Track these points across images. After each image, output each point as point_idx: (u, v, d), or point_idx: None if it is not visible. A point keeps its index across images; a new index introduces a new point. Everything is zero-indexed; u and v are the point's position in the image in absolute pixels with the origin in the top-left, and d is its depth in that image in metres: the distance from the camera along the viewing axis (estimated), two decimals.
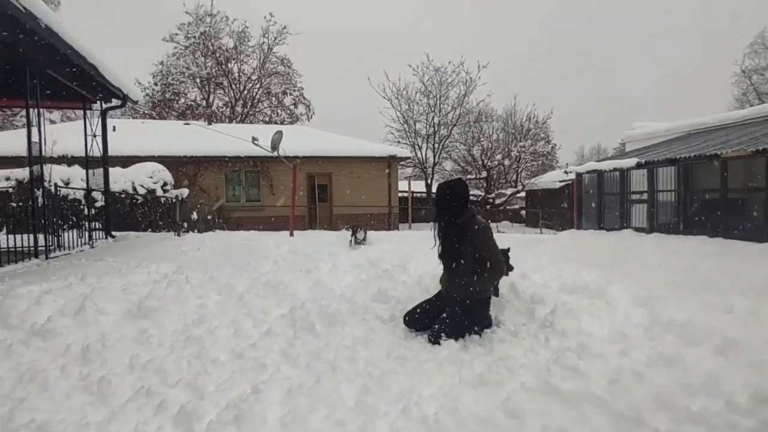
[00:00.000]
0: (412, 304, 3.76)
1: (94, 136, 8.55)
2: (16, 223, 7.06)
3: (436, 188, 3.71)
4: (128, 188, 11.85)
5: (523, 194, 28.70)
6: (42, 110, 6.69)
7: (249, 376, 2.73)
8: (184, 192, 12.95)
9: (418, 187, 29.26)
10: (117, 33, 45.15)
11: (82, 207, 9.29)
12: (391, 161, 18.90)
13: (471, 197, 4.00)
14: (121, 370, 2.76)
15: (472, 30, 75.48)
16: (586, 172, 10.44)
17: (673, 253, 6.68)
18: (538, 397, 2.48)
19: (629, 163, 9.15)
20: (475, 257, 3.47)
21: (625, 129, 14.90)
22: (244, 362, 2.92)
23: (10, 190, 9.78)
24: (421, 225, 19.03)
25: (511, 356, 3.00)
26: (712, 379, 2.43)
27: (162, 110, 27.51)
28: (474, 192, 26.86)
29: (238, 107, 30.25)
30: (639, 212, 9.09)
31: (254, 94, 30.55)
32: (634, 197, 9.29)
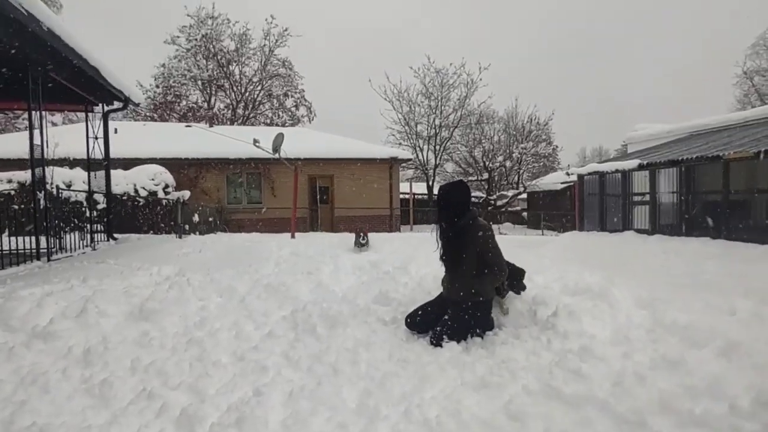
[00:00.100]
0: (414, 306, 3.75)
1: (96, 139, 8.56)
2: (18, 226, 7.08)
3: (438, 190, 3.70)
4: (130, 190, 11.88)
5: (524, 196, 28.71)
6: (44, 113, 6.71)
7: (250, 379, 2.73)
8: (186, 194, 12.98)
9: (420, 188, 29.29)
10: (116, 33, 45.42)
11: (83, 209, 9.31)
12: (393, 163, 18.91)
13: (472, 199, 3.99)
14: (123, 373, 2.76)
15: (472, 30, 75.73)
16: (588, 174, 10.43)
17: (676, 254, 6.67)
18: (541, 399, 2.47)
19: (631, 164, 9.14)
20: (476, 259, 3.46)
21: (625, 130, 14.92)
22: (245, 365, 2.92)
23: (12, 193, 9.82)
24: (423, 227, 19.01)
25: (513, 359, 2.99)
26: (715, 381, 2.41)
27: (163, 112, 27.59)
28: (475, 194, 26.86)
29: (239, 109, 30.33)
30: (641, 214, 9.08)
31: (255, 97, 30.64)
32: (636, 199, 9.28)
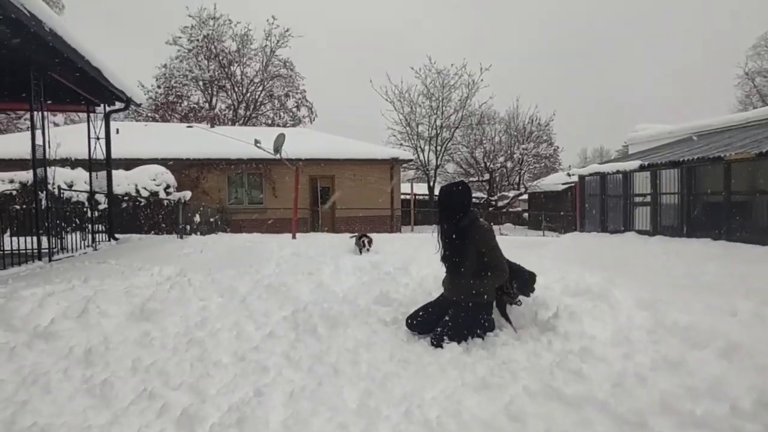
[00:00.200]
0: (415, 306, 3.75)
1: (98, 139, 8.58)
2: (20, 226, 7.10)
3: (439, 191, 3.70)
4: (131, 191, 11.90)
5: (525, 197, 28.70)
6: (46, 113, 6.73)
7: (251, 379, 2.73)
8: (187, 194, 13.00)
9: (421, 189, 29.30)
10: (118, 33, 45.52)
11: (85, 209, 9.33)
12: (394, 164, 18.92)
13: (473, 200, 3.99)
14: (124, 373, 2.76)
15: (472, 30, 75.77)
16: (589, 175, 10.42)
17: (677, 255, 6.66)
18: (541, 400, 2.47)
19: (632, 165, 9.13)
20: (477, 260, 3.47)
21: (626, 130, 14.91)
22: (246, 365, 2.92)
23: (14, 193, 9.85)
24: (424, 227, 19.01)
25: (514, 359, 2.99)
26: (717, 382, 2.41)
27: (165, 113, 27.64)
28: (476, 194, 26.88)
29: (240, 110, 30.37)
30: (642, 215, 9.07)
31: (257, 97, 30.69)
32: (637, 200, 9.26)
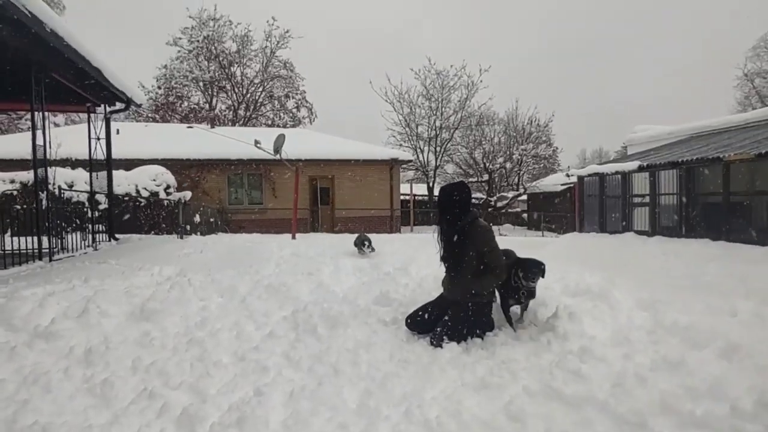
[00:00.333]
0: (414, 306, 3.75)
1: (98, 139, 8.58)
2: (21, 226, 7.10)
3: (439, 191, 3.71)
4: (131, 191, 11.89)
5: (524, 197, 28.69)
6: (46, 113, 6.73)
7: (251, 379, 2.74)
8: (187, 195, 13.00)
9: (420, 190, 29.32)
10: (118, 34, 45.55)
11: (85, 209, 9.33)
12: (393, 164, 18.93)
13: (473, 200, 4.00)
14: (124, 373, 2.76)
15: (472, 31, 75.85)
16: (588, 175, 10.42)
17: (676, 256, 6.66)
18: (541, 400, 2.47)
19: (631, 166, 9.13)
20: (477, 260, 3.47)
21: (625, 131, 14.90)
22: (246, 365, 2.93)
23: (15, 193, 9.85)
24: (423, 228, 19.02)
25: (514, 359, 2.99)
26: (717, 383, 2.41)
27: (165, 113, 27.63)
28: (476, 195, 26.87)
29: (240, 110, 30.38)
30: (641, 215, 9.06)
31: (257, 98, 30.69)
32: (636, 200, 9.26)
